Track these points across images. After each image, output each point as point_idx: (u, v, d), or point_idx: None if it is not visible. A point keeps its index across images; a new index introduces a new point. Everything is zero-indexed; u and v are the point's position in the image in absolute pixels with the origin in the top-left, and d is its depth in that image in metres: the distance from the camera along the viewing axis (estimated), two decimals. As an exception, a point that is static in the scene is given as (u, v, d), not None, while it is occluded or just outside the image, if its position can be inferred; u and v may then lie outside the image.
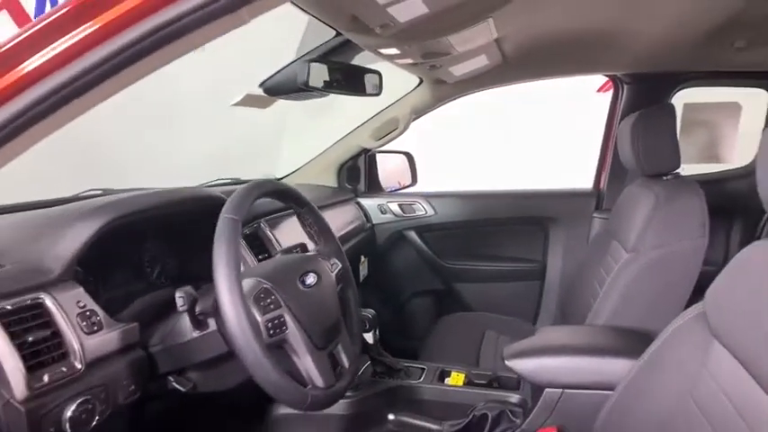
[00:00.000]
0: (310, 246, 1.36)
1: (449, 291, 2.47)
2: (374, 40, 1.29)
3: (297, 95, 1.51)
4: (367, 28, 1.15)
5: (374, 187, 2.54)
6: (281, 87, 1.46)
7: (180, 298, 0.91)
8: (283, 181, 2.15)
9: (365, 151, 2.43)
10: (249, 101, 1.54)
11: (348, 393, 1.46)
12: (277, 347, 0.94)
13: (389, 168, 2.62)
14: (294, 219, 1.71)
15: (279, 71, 1.46)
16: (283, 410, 1.44)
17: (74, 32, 0.69)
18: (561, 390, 1.31)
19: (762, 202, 0.91)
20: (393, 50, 1.40)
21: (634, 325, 1.47)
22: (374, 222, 2.45)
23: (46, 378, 0.81)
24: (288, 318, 0.94)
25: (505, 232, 2.43)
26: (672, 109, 1.70)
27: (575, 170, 2.57)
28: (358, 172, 2.49)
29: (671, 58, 1.91)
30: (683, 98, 2.15)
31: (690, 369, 1.02)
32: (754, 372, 0.85)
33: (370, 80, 1.55)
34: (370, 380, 1.54)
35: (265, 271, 1.00)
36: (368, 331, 1.55)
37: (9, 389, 0.77)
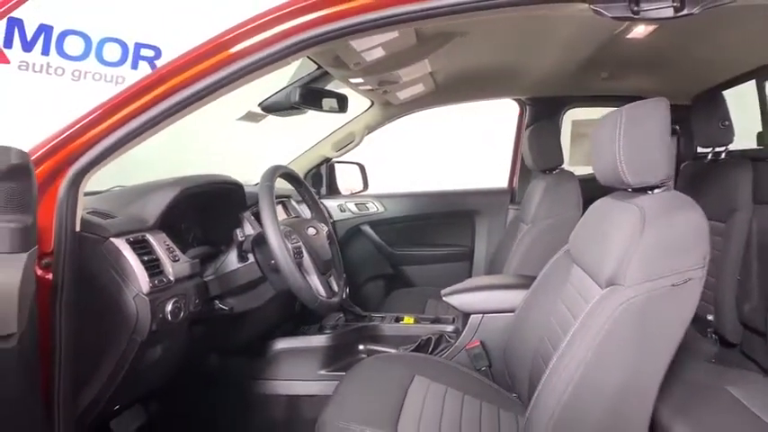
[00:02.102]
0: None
1: (397, 273, 3.01)
2: (347, 73, 1.85)
3: (286, 112, 2.02)
4: (344, 64, 1.71)
5: (334, 191, 3.05)
6: (276, 106, 1.98)
7: (239, 231, 1.40)
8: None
9: (326, 161, 2.94)
10: (249, 117, 2.05)
11: (328, 332, 1.97)
12: (299, 267, 1.44)
13: (345, 176, 3.15)
14: (278, 207, 2.22)
15: (274, 94, 1.97)
16: (281, 345, 1.92)
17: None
18: (481, 315, 1.88)
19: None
20: (359, 80, 1.96)
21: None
22: (335, 219, 2.96)
23: (156, 282, 1.27)
24: (303, 249, 1.45)
25: (441, 224, 3.01)
26: (556, 123, 2.36)
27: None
28: (320, 178, 3.00)
29: (558, 85, 2.59)
30: (570, 116, 2.84)
31: (558, 284, 1.59)
32: (591, 274, 1.41)
33: (340, 101, 2.09)
34: (344, 323, 2.05)
35: (285, 222, 1.50)
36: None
37: (139, 286, 1.23)
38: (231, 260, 1.47)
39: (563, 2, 1.13)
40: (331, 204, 2.95)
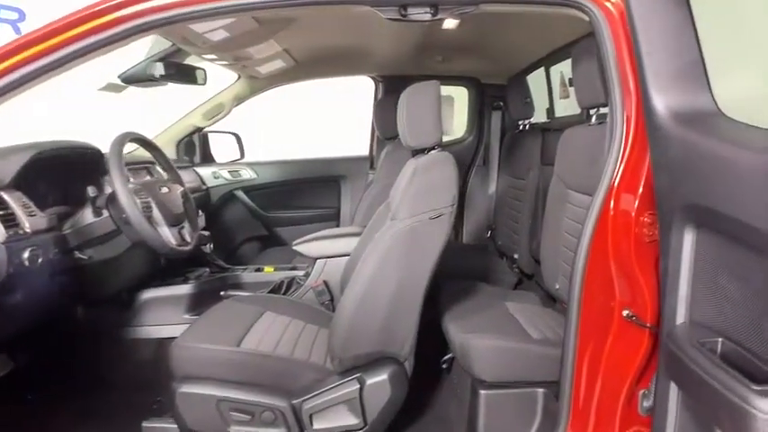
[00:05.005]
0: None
1: (271, 233, 3.30)
2: (198, 50, 2.07)
3: (148, 84, 2.21)
4: (193, 43, 1.93)
5: (208, 159, 3.24)
6: (135, 78, 2.15)
7: (91, 189, 1.62)
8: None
9: (198, 130, 3.11)
10: (110, 88, 2.20)
11: (192, 282, 2.23)
12: (148, 219, 1.69)
13: (221, 145, 3.34)
14: (143, 171, 2.40)
15: (133, 67, 2.15)
16: (148, 295, 2.16)
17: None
18: (326, 259, 2.23)
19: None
20: (212, 56, 2.19)
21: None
22: (209, 186, 3.15)
23: (11, 233, 1.47)
24: (153, 204, 1.70)
25: (311, 188, 3.33)
26: (396, 98, 2.73)
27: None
28: (194, 147, 3.17)
29: (403, 66, 2.97)
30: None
31: (378, 229, 1.95)
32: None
33: (199, 74, 2.30)
34: (208, 275, 2.32)
35: (139, 182, 1.74)
36: (204, 245, 2.34)
37: (-4, 236, 1.43)
38: (86, 215, 1.69)
39: (347, 4, 1.45)
40: (204, 171, 3.15)
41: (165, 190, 1.82)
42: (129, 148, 2.47)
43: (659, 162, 1.07)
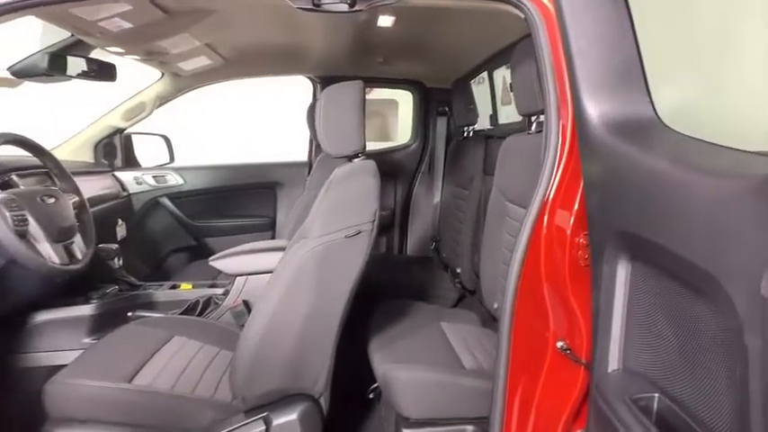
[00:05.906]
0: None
1: (200, 244, 3.05)
2: (100, 41, 1.83)
3: (41, 78, 1.94)
4: (89, 33, 1.70)
5: (131, 163, 2.97)
6: (27, 72, 1.89)
7: None
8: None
9: (119, 131, 2.84)
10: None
11: (95, 301, 1.97)
12: (23, 236, 1.44)
13: (148, 148, 3.08)
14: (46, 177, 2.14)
15: (24, 59, 1.88)
16: (42, 317, 1.88)
17: None
18: (246, 277, 2.02)
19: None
20: (118, 49, 1.95)
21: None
22: (130, 192, 2.88)
23: None
24: (29, 217, 1.45)
25: (244, 195, 3.10)
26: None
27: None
28: (114, 149, 2.89)
29: (341, 67, 2.79)
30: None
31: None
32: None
33: (105, 69, 2.05)
34: (116, 293, 2.06)
35: (15, 191, 1.49)
36: (112, 259, 2.09)
37: None
38: (-55, 230, 1.43)
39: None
40: (126, 176, 2.88)
41: (51, 200, 1.57)
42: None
43: (591, 178, 0.93)
